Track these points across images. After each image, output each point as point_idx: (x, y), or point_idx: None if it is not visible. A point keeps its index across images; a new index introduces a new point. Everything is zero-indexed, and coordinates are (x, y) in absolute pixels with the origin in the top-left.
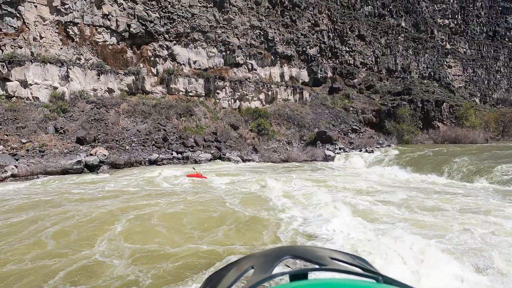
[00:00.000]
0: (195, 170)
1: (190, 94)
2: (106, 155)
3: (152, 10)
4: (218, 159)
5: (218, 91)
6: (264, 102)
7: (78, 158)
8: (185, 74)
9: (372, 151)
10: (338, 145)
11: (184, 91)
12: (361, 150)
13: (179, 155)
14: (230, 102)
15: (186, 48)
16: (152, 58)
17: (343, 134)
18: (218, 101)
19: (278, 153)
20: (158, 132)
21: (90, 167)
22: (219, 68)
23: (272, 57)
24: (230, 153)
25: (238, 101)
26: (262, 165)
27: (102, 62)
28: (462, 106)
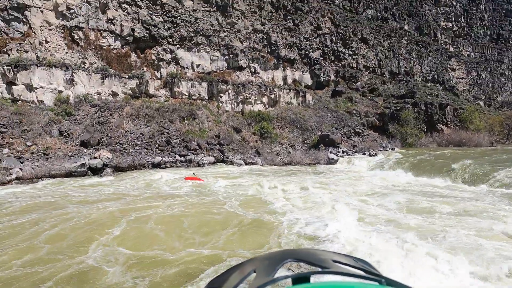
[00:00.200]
0: (195, 174)
1: (193, 97)
2: (109, 158)
3: (156, 14)
4: (221, 162)
5: (221, 95)
6: (267, 105)
7: (82, 161)
8: (188, 78)
9: (375, 154)
10: (341, 148)
11: (187, 95)
12: (364, 153)
13: (182, 158)
14: (233, 106)
15: (189, 52)
16: (155, 62)
17: (346, 137)
18: (221, 104)
19: (281, 156)
20: (162, 135)
21: (94, 170)
22: (222, 71)
23: (275, 60)
24: (233, 156)
25: (241, 104)
26: (265, 168)
27: (107, 66)
28: (466, 109)
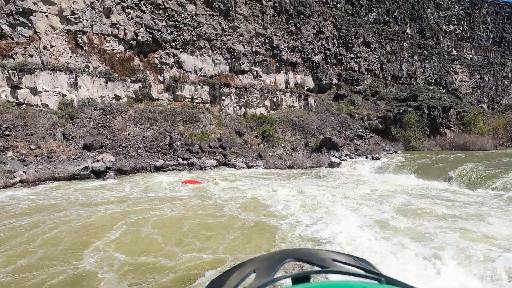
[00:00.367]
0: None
1: (196, 101)
2: (112, 161)
3: (159, 18)
4: (223, 166)
5: (224, 98)
6: (269, 109)
7: (85, 164)
8: (191, 81)
9: (378, 158)
10: (343, 151)
11: (190, 98)
12: (367, 157)
13: (185, 162)
14: (235, 109)
15: (192, 55)
16: (158, 66)
17: (349, 140)
18: (223, 107)
19: (283, 159)
20: (164, 138)
21: (97, 173)
22: (225, 75)
23: (277, 64)
24: (235, 159)
25: (243, 107)
26: (267, 171)
27: (110, 70)
28: (470, 112)
